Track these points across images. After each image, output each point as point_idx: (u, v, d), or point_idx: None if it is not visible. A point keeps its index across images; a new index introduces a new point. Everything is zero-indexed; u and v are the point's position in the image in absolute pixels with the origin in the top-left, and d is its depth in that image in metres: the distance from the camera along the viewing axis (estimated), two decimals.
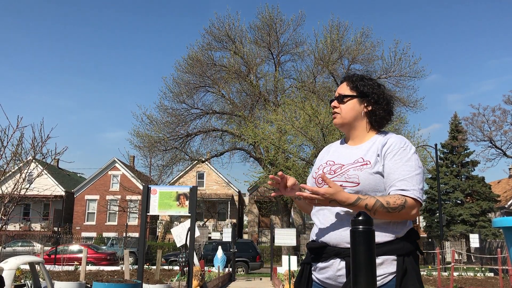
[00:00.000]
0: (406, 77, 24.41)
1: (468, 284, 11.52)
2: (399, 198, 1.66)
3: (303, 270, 1.85)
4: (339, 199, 1.65)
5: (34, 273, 5.85)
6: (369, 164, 1.75)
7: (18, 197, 6.51)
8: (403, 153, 1.75)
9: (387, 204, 1.64)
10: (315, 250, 1.78)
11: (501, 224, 1.36)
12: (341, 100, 1.90)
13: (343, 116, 1.89)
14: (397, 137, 1.82)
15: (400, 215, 1.67)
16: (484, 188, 29.14)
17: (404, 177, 1.70)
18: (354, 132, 1.90)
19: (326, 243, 1.75)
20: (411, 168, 1.72)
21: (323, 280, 1.76)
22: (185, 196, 5.61)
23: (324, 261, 1.75)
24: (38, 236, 29.24)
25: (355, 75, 1.94)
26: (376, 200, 1.65)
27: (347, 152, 1.87)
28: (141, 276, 5.40)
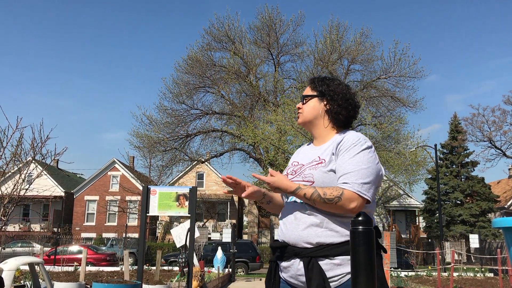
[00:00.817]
0: (406, 77, 24.44)
1: (468, 285, 11.52)
2: (336, 190, 1.69)
3: (271, 268, 1.90)
4: (282, 187, 1.76)
5: (34, 274, 5.84)
6: (323, 162, 1.81)
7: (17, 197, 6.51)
8: (354, 149, 1.77)
9: (323, 194, 1.69)
10: (277, 250, 1.84)
11: (501, 225, 1.36)
12: (303, 101, 1.98)
13: (304, 115, 1.96)
14: (353, 134, 1.84)
15: (337, 207, 1.69)
16: (484, 189, 29.14)
17: (348, 171, 1.73)
18: (316, 131, 1.96)
19: (286, 242, 1.81)
20: (357, 163, 1.74)
21: (287, 279, 1.82)
22: (184, 197, 5.61)
23: (286, 260, 1.80)
24: (38, 237, 29.19)
25: (320, 76, 2.03)
26: (314, 190, 1.71)
27: (310, 152, 1.94)
28: (141, 276, 5.40)
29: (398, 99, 24.96)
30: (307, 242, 1.73)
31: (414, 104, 25.23)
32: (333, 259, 1.70)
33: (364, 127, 23.49)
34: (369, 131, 22.29)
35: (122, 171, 35.11)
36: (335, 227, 1.72)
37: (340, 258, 1.69)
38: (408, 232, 32.03)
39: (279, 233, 1.88)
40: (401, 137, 23.66)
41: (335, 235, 1.71)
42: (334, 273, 1.69)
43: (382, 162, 22.63)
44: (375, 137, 22.80)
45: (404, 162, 21.97)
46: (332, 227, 1.73)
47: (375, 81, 24.74)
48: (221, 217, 34.63)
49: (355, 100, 1.95)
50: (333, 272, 1.69)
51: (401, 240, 28.17)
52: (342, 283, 1.68)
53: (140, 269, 5.49)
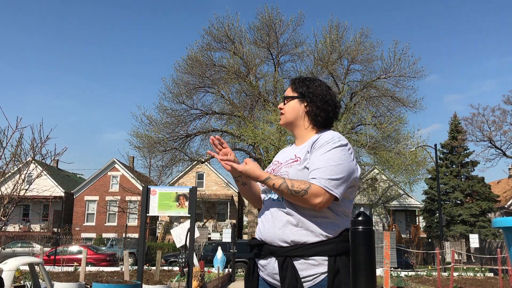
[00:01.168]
0: (406, 77, 24.40)
1: (468, 284, 11.52)
2: (304, 183, 1.71)
3: (250, 266, 1.92)
4: (253, 175, 1.79)
5: (34, 274, 5.84)
6: (298, 160, 1.84)
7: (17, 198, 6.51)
8: (326, 146, 1.79)
9: (291, 186, 1.70)
10: (255, 248, 1.86)
11: (501, 224, 1.36)
12: (286, 102, 2.00)
13: (286, 116, 1.99)
14: (329, 133, 1.87)
15: (303, 200, 1.70)
16: (484, 188, 29.14)
17: (317, 167, 1.74)
18: (297, 131, 1.98)
19: (263, 241, 1.83)
20: (328, 159, 1.75)
21: (264, 277, 1.84)
22: (184, 197, 5.61)
23: (263, 258, 1.82)
24: (38, 237, 29.16)
25: (300, 77, 2.05)
26: (283, 181, 1.72)
27: (290, 152, 1.97)
28: (141, 277, 5.39)
29: (398, 99, 24.94)
30: (283, 240, 1.74)
31: (414, 104, 25.22)
32: (308, 259, 1.71)
33: (364, 127, 23.49)
34: (369, 131, 22.29)
35: (122, 171, 35.10)
36: (311, 226, 1.73)
37: (315, 258, 1.70)
38: (408, 232, 32.03)
39: (257, 231, 1.90)
40: (401, 137, 23.66)
41: (310, 235, 1.72)
42: (308, 273, 1.70)
43: (383, 162, 22.65)
44: (375, 137, 22.80)
45: (404, 162, 21.96)
46: (308, 226, 1.73)
47: (375, 81, 24.72)
48: (221, 217, 34.63)
49: (335, 101, 1.96)
50: (307, 272, 1.70)
51: (401, 240, 28.17)
52: (316, 283, 1.69)
53: (140, 269, 5.49)
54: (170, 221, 33.14)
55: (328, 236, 1.73)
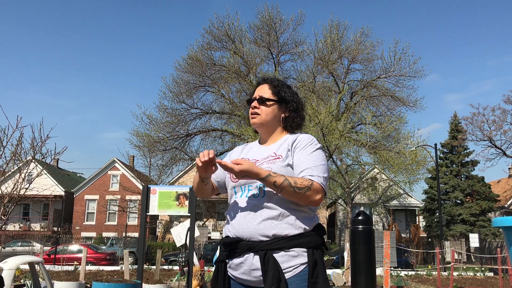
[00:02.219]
0: (406, 76, 24.43)
1: (468, 284, 11.52)
2: (306, 180, 1.77)
3: (218, 269, 1.89)
4: (254, 172, 1.75)
5: (34, 273, 5.84)
6: (281, 158, 1.88)
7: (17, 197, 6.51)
8: (310, 147, 1.89)
9: (294, 183, 1.75)
10: (229, 246, 1.83)
11: (501, 224, 1.36)
12: (262, 102, 1.99)
13: (262, 117, 1.99)
14: (306, 135, 1.97)
15: (305, 197, 1.76)
16: (484, 188, 29.13)
17: (310, 166, 1.83)
18: (270, 134, 2.02)
19: (239, 237, 1.81)
20: (316, 159, 1.86)
21: (239, 276, 1.82)
22: (184, 196, 5.61)
23: (238, 256, 1.81)
24: (38, 236, 29.22)
25: (277, 80, 2.07)
26: (285, 178, 1.75)
27: (261, 150, 1.99)
28: (141, 276, 5.40)
29: (398, 99, 24.95)
30: (263, 235, 1.76)
31: (414, 104, 25.24)
32: (288, 251, 1.75)
33: (364, 126, 23.50)
34: (369, 131, 22.29)
35: (122, 171, 35.11)
36: (291, 220, 1.78)
37: (295, 250, 1.75)
38: (408, 232, 32.03)
39: (228, 229, 1.88)
40: (401, 136, 23.67)
41: (291, 228, 1.77)
42: (288, 264, 1.74)
43: (383, 161, 22.66)
44: (375, 137, 22.80)
45: (404, 161, 21.97)
46: (289, 220, 1.78)
47: (375, 81, 24.72)
48: (221, 216, 34.64)
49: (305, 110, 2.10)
50: (288, 263, 1.74)
51: (401, 239, 28.17)
52: (296, 273, 1.74)
53: (140, 269, 5.49)
54: (170, 220, 33.16)
55: (305, 229, 1.79)
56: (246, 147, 2.11)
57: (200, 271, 9.29)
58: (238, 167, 1.75)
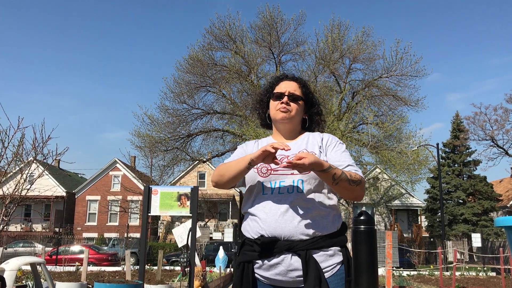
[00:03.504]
0: (408, 76, 24.33)
1: (470, 284, 11.49)
2: (357, 174, 1.80)
3: (244, 269, 1.80)
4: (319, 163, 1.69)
5: (36, 274, 5.84)
6: (315, 154, 1.85)
7: (19, 198, 6.51)
8: (341, 145, 1.95)
9: (350, 176, 1.76)
10: (266, 246, 1.73)
11: (503, 224, 1.35)
12: (294, 100, 1.98)
13: (293, 114, 1.97)
14: (329, 134, 2.02)
15: (356, 190, 1.78)
16: (486, 188, 29.08)
17: (350, 163, 1.86)
18: (291, 132, 2.01)
19: (276, 237, 1.73)
20: (350, 157, 1.91)
21: (271, 277, 1.75)
22: (186, 197, 5.60)
23: (273, 256, 1.73)
24: (39, 237, 29.25)
25: (305, 81, 2.08)
26: (342, 171, 1.76)
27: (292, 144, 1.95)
28: (143, 276, 5.39)
29: (400, 98, 24.88)
30: (304, 234, 1.72)
31: (416, 103, 25.15)
32: (326, 251, 1.74)
33: (366, 126, 23.46)
34: (371, 130, 22.25)
35: (124, 171, 35.13)
36: (328, 218, 1.78)
37: (332, 249, 1.76)
38: (410, 231, 31.98)
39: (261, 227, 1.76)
40: (403, 136, 23.62)
41: (329, 226, 1.77)
42: (327, 263, 1.73)
43: (384, 161, 22.62)
44: (377, 136, 22.76)
45: (406, 161, 21.93)
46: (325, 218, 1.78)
47: (376, 80, 24.67)
48: (223, 217, 34.64)
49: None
50: (326, 263, 1.73)
51: (403, 239, 28.12)
52: (334, 273, 1.74)
53: (142, 269, 5.49)
54: (171, 220, 33.17)
55: (338, 227, 1.81)
56: (260, 142, 2.06)
57: (202, 271, 9.29)
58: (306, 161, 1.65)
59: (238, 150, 2.07)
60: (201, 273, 9.10)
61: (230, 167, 1.87)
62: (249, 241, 1.80)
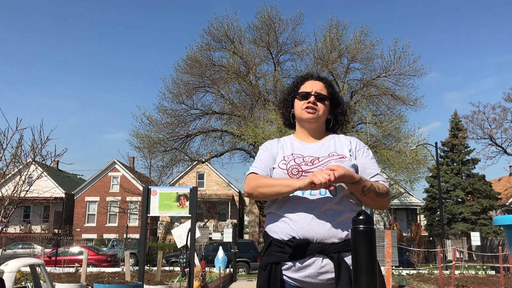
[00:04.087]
0: (406, 75, 24.39)
1: (470, 283, 11.50)
2: (384, 186, 1.83)
3: (271, 271, 1.77)
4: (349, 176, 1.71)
5: (35, 275, 5.84)
6: (346, 157, 1.86)
7: (18, 199, 6.50)
8: (368, 151, 1.96)
9: (378, 189, 1.79)
10: (297, 248, 1.72)
11: (502, 222, 1.35)
12: (320, 100, 1.97)
13: (320, 114, 1.97)
14: (355, 138, 2.02)
15: (381, 201, 1.82)
16: (485, 186, 29.11)
17: (378, 172, 1.90)
18: (316, 132, 2.00)
19: (308, 239, 1.73)
20: (376, 164, 1.93)
21: (301, 279, 1.74)
22: (185, 197, 5.60)
23: (304, 258, 1.72)
24: (39, 238, 29.20)
25: (330, 81, 2.07)
26: (371, 184, 1.79)
27: (311, 147, 1.93)
28: (142, 277, 5.39)
29: (398, 98, 24.93)
30: (337, 237, 1.72)
31: (414, 102, 25.21)
32: None
33: (364, 125, 23.47)
34: (369, 130, 22.27)
35: (123, 172, 35.10)
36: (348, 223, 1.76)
37: None
38: (409, 231, 32.01)
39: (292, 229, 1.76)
40: (401, 135, 23.66)
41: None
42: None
43: (383, 160, 22.64)
44: (376, 136, 22.78)
45: (404, 160, 21.95)
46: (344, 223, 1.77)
47: (375, 80, 24.71)
48: (222, 217, 34.63)
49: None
50: None
51: (402, 238, 28.14)
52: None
53: (141, 270, 5.49)
54: (171, 221, 33.15)
55: None
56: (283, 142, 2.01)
57: (201, 272, 9.29)
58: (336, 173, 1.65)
59: (264, 153, 1.99)
60: (200, 273, 9.10)
61: (272, 187, 1.80)
62: (277, 243, 1.78)
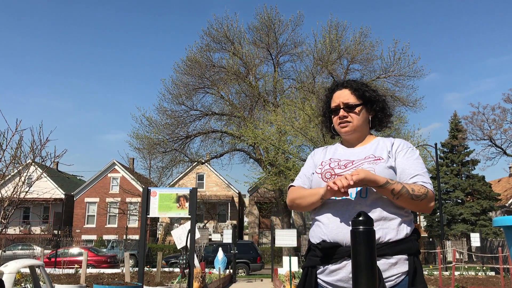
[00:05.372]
0: (406, 76, 24.39)
1: (470, 284, 11.50)
2: (422, 187, 1.73)
3: (307, 274, 1.81)
4: (371, 179, 1.68)
5: (35, 277, 5.83)
6: (382, 159, 1.82)
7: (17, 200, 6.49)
8: (412, 152, 1.87)
9: (412, 191, 1.70)
10: (327, 251, 1.74)
11: (502, 223, 1.35)
12: (350, 109, 1.93)
13: (354, 124, 1.93)
14: (402, 139, 1.94)
15: (420, 204, 1.72)
16: (485, 187, 29.12)
17: (420, 172, 1.79)
18: (361, 137, 1.97)
19: (338, 243, 1.72)
20: (422, 165, 1.83)
21: (334, 283, 1.73)
22: (185, 198, 5.60)
23: (335, 262, 1.72)
24: (38, 239, 29.18)
25: (356, 82, 2.01)
26: (402, 186, 1.71)
27: (352, 151, 1.92)
28: (142, 278, 5.39)
29: (398, 99, 24.93)
30: None
31: (414, 103, 25.22)
32: (390, 258, 1.68)
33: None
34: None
35: (122, 173, 35.10)
36: (394, 223, 1.72)
37: (396, 257, 1.69)
38: None
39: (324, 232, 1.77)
40: (401, 136, 23.63)
41: (393, 232, 1.70)
42: (390, 273, 1.67)
43: None
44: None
45: None
46: (391, 223, 1.72)
47: (374, 81, 24.70)
48: (222, 218, 34.62)
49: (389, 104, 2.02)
50: (389, 272, 1.67)
51: None
52: (397, 283, 1.67)
53: (141, 271, 5.48)
54: (170, 222, 33.14)
55: (407, 234, 1.73)
56: (328, 149, 2.03)
57: (201, 273, 9.29)
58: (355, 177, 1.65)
59: (307, 162, 2.03)
60: (200, 274, 9.10)
61: (305, 198, 1.87)
62: (313, 247, 1.81)
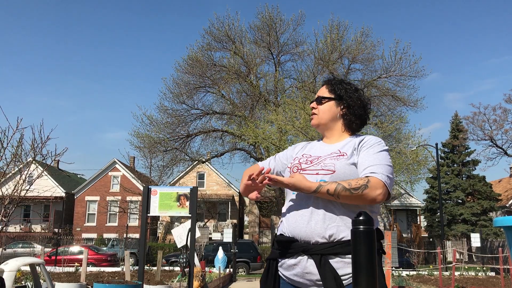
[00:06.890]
0: (407, 76, 24.37)
1: (470, 284, 11.50)
2: (361, 179, 1.69)
3: (269, 267, 1.83)
4: (303, 187, 1.69)
5: (35, 275, 5.84)
6: (345, 155, 1.81)
7: (18, 198, 6.50)
8: (377, 146, 1.83)
9: (348, 185, 1.66)
10: (283, 244, 1.75)
11: (502, 224, 1.35)
12: (319, 102, 1.96)
13: (319, 117, 1.95)
14: (373, 136, 1.91)
15: (363, 196, 1.66)
16: (485, 188, 29.09)
17: (375, 164, 1.75)
18: (330, 133, 1.97)
19: (294, 237, 1.73)
20: (382, 159, 1.78)
21: (291, 277, 1.75)
22: (185, 197, 5.60)
23: (291, 257, 1.73)
24: (39, 238, 29.23)
25: (335, 79, 2.02)
26: (337, 184, 1.68)
27: (324, 147, 1.93)
28: (142, 277, 5.39)
29: (399, 99, 24.91)
30: (321, 236, 1.68)
31: (415, 103, 25.19)
32: (343, 258, 1.67)
33: (365, 126, 23.47)
34: (370, 130, 22.27)
35: (123, 172, 35.12)
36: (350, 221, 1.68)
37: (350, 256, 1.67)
38: (409, 232, 32.00)
39: (285, 227, 1.80)
40: (402, 136, 23.63)
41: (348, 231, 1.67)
42: (344, 271, 1.66)
43: None
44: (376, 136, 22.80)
45: (405, 161, 21.94)
46: (347, 221, 1.68)
47: (375, 81, 24.70)
48: (222, 217, 34.63)
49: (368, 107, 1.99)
50: (343, 270, 1.66)
51: (402, 239, 28.14)
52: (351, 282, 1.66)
53: (141, 270, 5.48)
54: (171, 221, 33.15)
55: None
56: (308, 144, 2.06)
57: (201, 272, 9.29)
58: (287, 180, 1.70)
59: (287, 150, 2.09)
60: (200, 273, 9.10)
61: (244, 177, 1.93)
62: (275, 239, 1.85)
